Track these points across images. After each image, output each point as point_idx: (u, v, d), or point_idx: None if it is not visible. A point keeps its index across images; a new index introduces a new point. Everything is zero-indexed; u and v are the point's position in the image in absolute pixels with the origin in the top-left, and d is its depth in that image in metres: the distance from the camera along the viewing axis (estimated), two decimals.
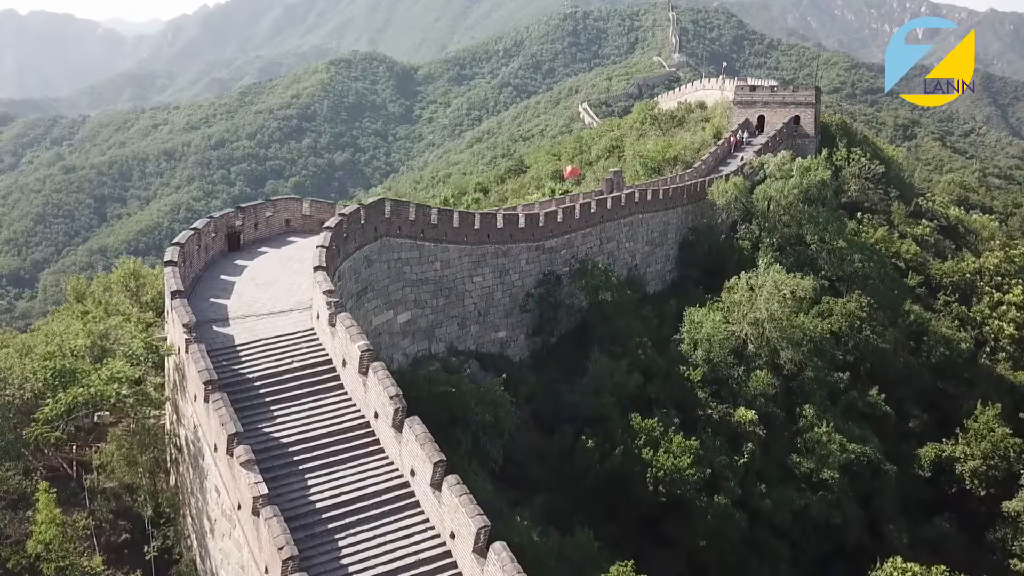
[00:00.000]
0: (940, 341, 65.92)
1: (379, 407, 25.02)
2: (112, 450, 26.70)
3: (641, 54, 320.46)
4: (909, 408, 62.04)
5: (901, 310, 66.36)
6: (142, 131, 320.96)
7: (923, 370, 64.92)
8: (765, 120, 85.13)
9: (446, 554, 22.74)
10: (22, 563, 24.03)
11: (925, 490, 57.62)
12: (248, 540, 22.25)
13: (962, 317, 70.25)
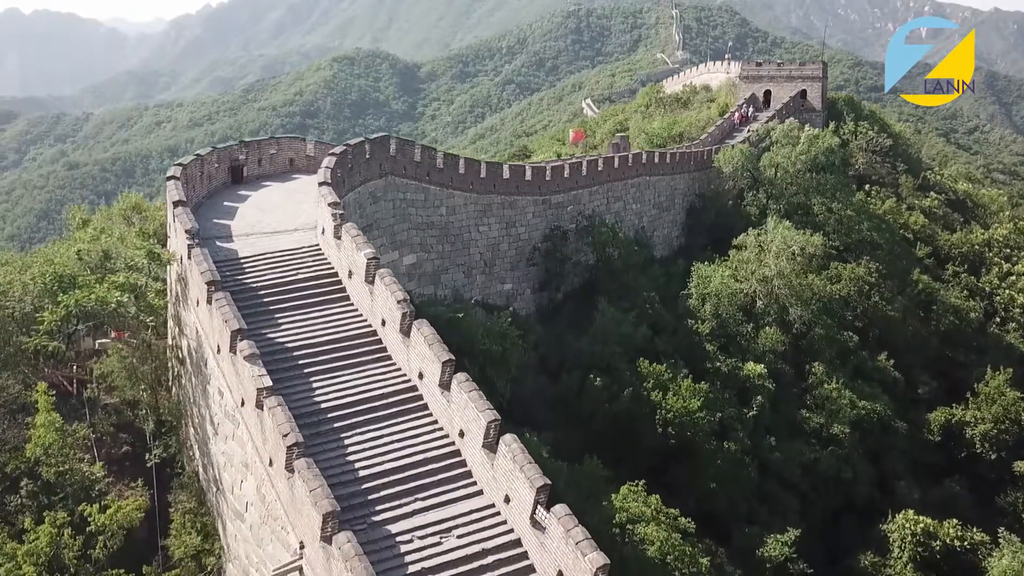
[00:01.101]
0: (949, 310, 65.30)
1: (386, 313, 24.49)
2: (113, 362, 26.12)
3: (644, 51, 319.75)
4: (918, 375, 61.35)
5: (909, 279, 65.72)
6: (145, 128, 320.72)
7: (932, 338, 64.28)
8: (772, 95, 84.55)
9: (455, 453, 22.23)
10: (20, 468, 23.51)
11: (935, 454, 56.85)
12: (252, 435, 21.73)
13: (971, 287, 69.55)
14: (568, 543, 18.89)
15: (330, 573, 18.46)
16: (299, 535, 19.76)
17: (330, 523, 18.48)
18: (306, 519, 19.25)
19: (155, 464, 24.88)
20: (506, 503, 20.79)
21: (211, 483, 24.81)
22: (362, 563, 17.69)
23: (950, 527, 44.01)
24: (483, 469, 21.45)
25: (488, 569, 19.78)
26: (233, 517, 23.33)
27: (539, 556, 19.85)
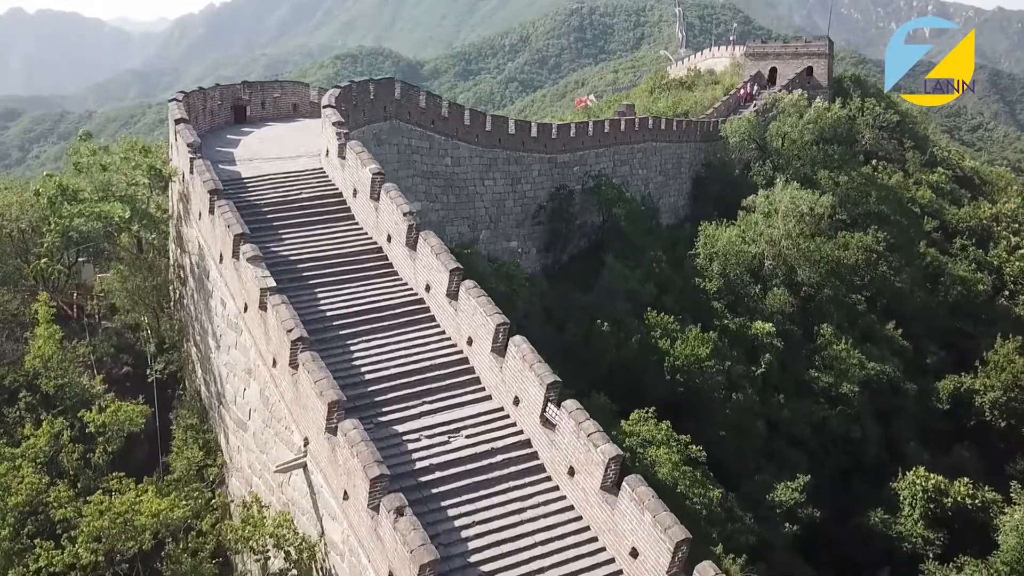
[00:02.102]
0: (957, 281, 64.73)
1: (391, 228, 24.04)
2: (114, 278, 25.67)
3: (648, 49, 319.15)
4: (926, 345, 60.74)
5: (917, 252, 65.16)
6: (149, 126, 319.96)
7: (940, 309, 63.69)
8: (777, 73, 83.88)
9: (462, 360, 21.79)
10: (19, 381, 23.04)
11: (943, 423, 56.22)
12: (255, 339, 21.28)
13: (979, 261, 68.95)
14: (579, 436, 18.43)
15: (335, 464, 17.99)
16: (303, 431, 19.30)
17: (335, 413, 18.02)
18: (311, 413, 18.79)
19: (156, 380, 24.39)
20: (515, 405, 20.33)
21: (213, 399, 24.34)
22: (368, 448, 17.22)
23: (961, 485, 43.45)
24: (491, 374, 20.98)
25: (497, 468, 19.32)
26: (235, 428, 22.87)
27: (549, 454, 19.40)
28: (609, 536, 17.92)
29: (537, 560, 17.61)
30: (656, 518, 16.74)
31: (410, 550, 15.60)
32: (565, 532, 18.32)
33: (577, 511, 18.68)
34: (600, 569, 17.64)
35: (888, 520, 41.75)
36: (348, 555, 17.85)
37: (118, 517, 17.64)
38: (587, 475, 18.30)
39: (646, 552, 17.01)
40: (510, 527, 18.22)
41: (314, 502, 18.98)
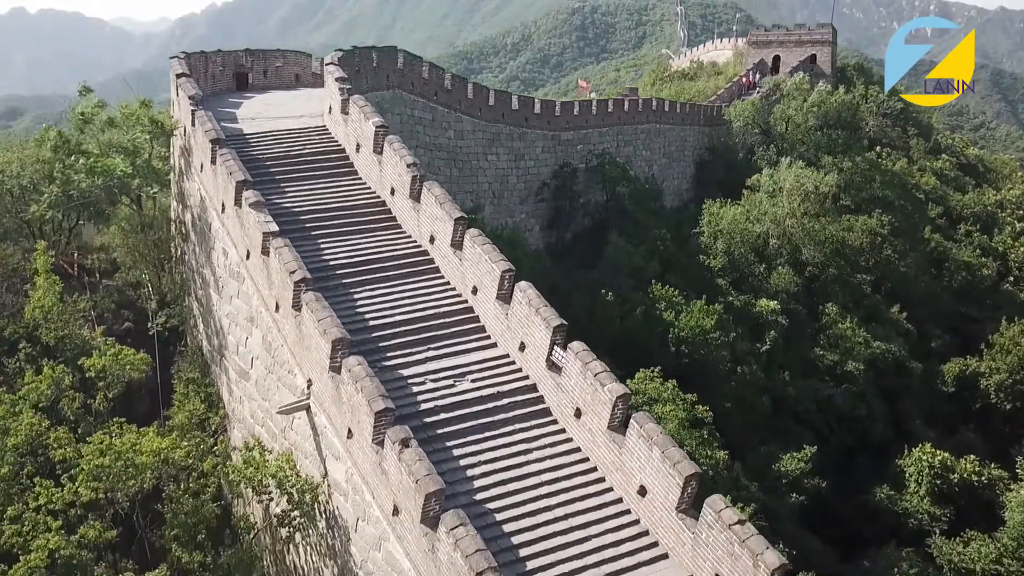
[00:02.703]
0: (962, 267, 64.44)
1: (395, 180, 23.80)
2: (115, 232, 25.44)
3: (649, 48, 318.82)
4: (931, 329, 60.44)
5: (921, 237, 64.88)
6: None
7: (944, 294, 63.41)
8: (780, 61, 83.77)
9: (467, 309, 21.58)
10: (19, 332, 22.79)
11: (949, 405, 55.90)
12: (258, 286, 21.07)
13: (984, 246, 68.67)
14: (586, 377, 18.21)
15: (339, 403, 17.76)
16: (307, 373, 19.06)
17: (339, 351, 17.79)
18: (314, 353, 18.55)
19: (157, 335, 24.12)
20: (521, 351, 20.10)
21: (215, 352, 24.10)
22: (373, 383, 16.99)
23: (967, 462, 43.12)
24: (496, 322, 20.75)
25: (502, 411, 19.09)
26: (237, 379, 22.62)
27: (555, 397, 19.17)
28: (617, 476, 17.68)
29: (544, 499, 17.37)
30: (665, 453, 16.51)
31: (415, 480, 15.37)
32: (572, 473, 18.09)
33: (584, 453, 18.44)
34: (608, 508, 17.40)
35: (894, 496, 41.44)
36: (352, 494, 17.60)
37: (119, 457, 17.38)
38: (594, 415, 18.07)
39: (655, 489, 16.78)
40: (516, 467, 17.99)
41: (317, 444, 18.74)
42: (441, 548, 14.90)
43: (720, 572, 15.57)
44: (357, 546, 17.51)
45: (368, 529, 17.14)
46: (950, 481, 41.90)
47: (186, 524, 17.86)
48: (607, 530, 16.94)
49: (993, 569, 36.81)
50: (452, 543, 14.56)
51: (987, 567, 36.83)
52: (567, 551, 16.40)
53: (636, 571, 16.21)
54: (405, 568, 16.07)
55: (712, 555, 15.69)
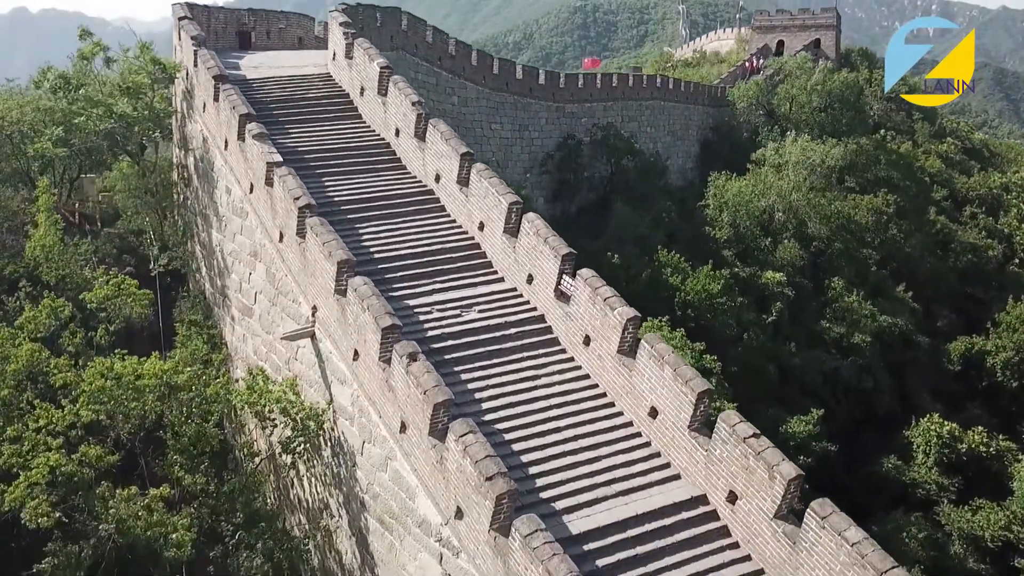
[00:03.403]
0: (967, 248, 64.01)
1: (400, 121, 23.52)
2: (117, 176, 25.14)
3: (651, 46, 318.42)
4: (937, 310, 60.02)
5: (926, 219, 64.47)
6: None
7: (950, 275, 62.96)
8: (784, 45, 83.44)
9: (474, 246, 21.32)
10: (20, 271, 22.48)
11: (954, 384, 55.45)
12: (262, 218, 20.78)
13: (989, 228, 68.22)
14: (595, 303, 17.91)
15: (345, 325, 17.45)
16: (311, 300, 18.76)
17: (345, 272, 17.49)
18: (319, 278, 18.25)
19: (159, 279, 23.78)
20: (528, 283, 19.81)
21: (217, 294, 23.78)
22: (379, 301, 16.72)
23: (975, 433, 42.70)
24: (504, 256, 20.46)
25: (510, 339, 18.79)
26: (240, 317, 22.32)
27: (563, 326, 18.86)
28: (626, 399, 17.37)
29: (552, 421, 17.07)
30: (677, 371, 16.21)
31: (424, 391, 15.07)
32: (581, 398, 17.80)
33: (593, 379, 18.14)
34: (617, 431, 17.11)
35: (901, 467, 41.02)
36: (358, 416, 17.29)
37: (120, 380, 17.06)
38: (603, 340, 17.76)
39: (666, 409, 16.46)
40: (524, 391, 17.70)
41: (322, 371, 18.43)
42: (450, 458, 14.59)
43: (735, 488, 15.27)
44: (363, 469, 17.19)
45: (374, 451, 16.83)
46: (958, 451, 41.45)
47: (189, 451, 17.53)
48: (617, 451, 16.63)
49: (1002, 535, 36.45)
50: (461, 450, 14.25)
51: (996, 533, 36.45)
52: (577, 470, 16.09)
53: (648, 490, 15.88)
54: (412, 485, 15.76)
55: (726, 471, 15.38)
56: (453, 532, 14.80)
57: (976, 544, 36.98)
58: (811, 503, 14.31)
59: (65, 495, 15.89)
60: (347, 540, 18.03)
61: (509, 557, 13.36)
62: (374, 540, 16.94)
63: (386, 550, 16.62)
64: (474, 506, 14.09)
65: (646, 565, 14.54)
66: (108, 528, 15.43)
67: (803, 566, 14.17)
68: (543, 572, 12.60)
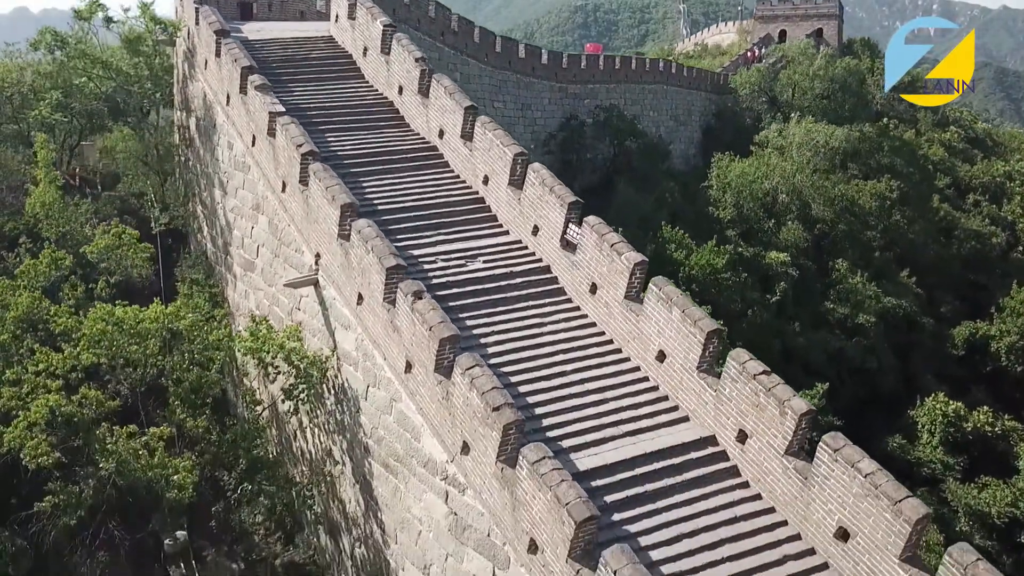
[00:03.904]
0: (971, 235, 63.74)
1: (403, 78, 23.32)
2: (118, 137, 24.94)
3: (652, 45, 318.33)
4: (940, 296, 59.75)
5: (930, 206, 64.22)
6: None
7: (953, 262, 62.70)
8: (787, 35, 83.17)
9: (478, 200, 21.13)
10: (20, 228, 22.28)
11: (958, 368, 55.15)
12: (264, 169, 20.58)
13: (993, 216, 67.98)
14: (602, 249, 17.71)
15: (349, 269, 17.26)
16: (314, 248, 18.55)
17: (348, 216, 17.29)
18: (322, 224, 18.05)
19: (160, 236, 23.57)
20: (534, 235, 19.59)
21: (219, 252, 23.58)
22: (383, 242, 16.52)
23: (981, 413, 42.46)
24: (509, 208, 20.25)
25: (515, 289, 18.58)
26: (243, 274, 22.10)
27: (569, 276, 18.65)
28: (633, 345, 17.15)
29: (558, 366, 16.86)
30: (685, 312, 16.00)
31: (429, 327, 14.86)
32: (587, 344, 17.58)
33: (599, 327, 17.93)
34: (625, 376, 16.89)
35: (906, 446, 40.82)
36: (362, 361, 17.07)
37: (121, 324, 16.84)
38: (610, 287, 17.55)
39: (674, 352, 16.25)
40: (529, 338, 17.49)
41: (325, 319, 18.22)
42: (456, 392, 14.38)
43: (744, 426, 15.04)
44: (367, 414, 16.98)
45: (379, 394, 16.61)
46: (964, 430, 41.23)
47: (190, 398, 17.30)
48: (624, 394, 16.41)
49: (1008, 512, 36.22)
50: (468, 383, 14.04)
51: (1002, 510, 36.23)
52: (583, 412, 15.88)
53: (655, 431, 15.67)
54: (417, 424, 15.55)
55: (736, 410, 15.15)
56: (459, 468, 14.58)
57: (983, 521, 36.77)
58: (823, 436, 14.11)
59: (65, 436, 15.67)
60: (350, 488, 17.81)
61: (516, 487, 13.14)
62: (378, 485, 16.72)
63: (390, 494, 16.41)
64: (480, 439, 13.88)
65: (655, 502, 14.31)
66: (108, 467, 15.20)
67: (815, 501, 13.95)
68: (551, 498, 12.38)
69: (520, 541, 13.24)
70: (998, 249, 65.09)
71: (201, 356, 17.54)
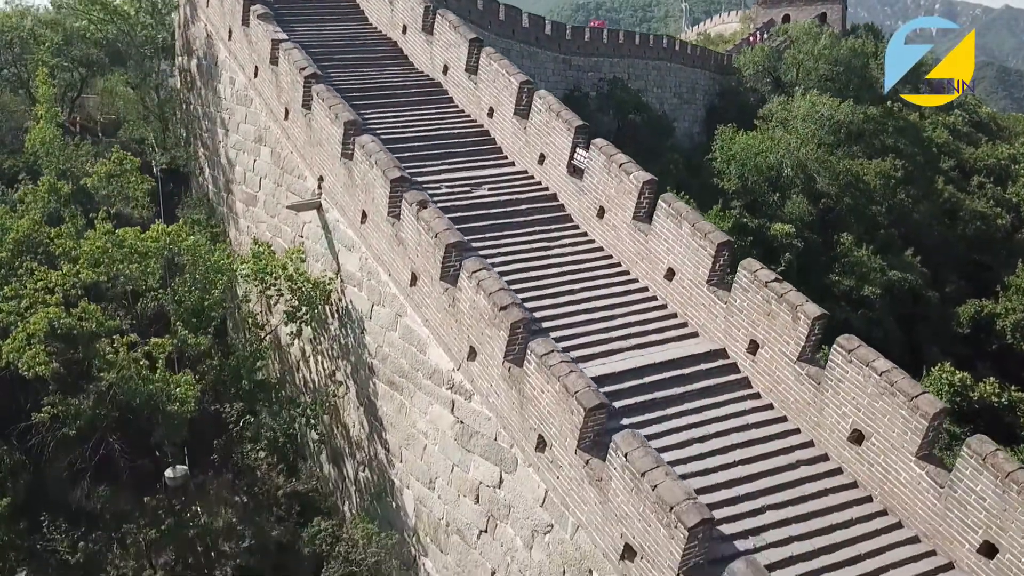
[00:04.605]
0: (976, 216, 63.41)
1: (407, 16, 23.09)
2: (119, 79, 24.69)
3: None
4: (945, 275, 59.43)
5: (934, 188, 63.89)
6: None
7: (959, 242, 62.40)
8: (791, 20, 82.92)
9: (483, 132, 20.87)
10: (19, 165, 22.03)
11: (963, 347, 54.83)
12: (266, 99, 20.37)
13: (997, 198, 67.60)
14: (610, 170, 17.45)
15: (352, 187, 17.01)
16: (317, 172, 18.31)
17: (352, 132, 17.04)
18: (326, 146, 17.81)
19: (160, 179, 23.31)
20: (540, 164, 19.33)
21: (221, 191, 23.32)
22: (387, 156, 16.26)
23: (987, 384, 42.08)
24: (514, 139, 19.99)
25: (521, 214, 18.34)
26: (245, 208, 21.86)
27: (576, 202, 18.40)
28: (642, 266, 16.89)
29: (565, 286, 16.59)
30: (695, 226, 15.76)
31: (435, 234, 14.59)
32: (594, 267, 17.32)
33: (607, 251, 17.66)
34: (632, 295, 16.65)
35: None
36: (366, 280, 16.81)
37: (122, 242, 16.58)
38: (618, 209, 17.28)
39: (683, 268, 16.00)
40: (536, 259, 17.23)
41: (328, 242, 17.96)
42: (463, 297, 14.11)
43: (756, 336, 14.78)
44: (371, 334, 16.72)
45: (383, 312, 16.35)
46: (970, 400, 40.82)
47: (192, 321, 17.03)
48: (632, 312, 16.16)
49: None
50: (474, 286, 13.78)
51: None
52: (590, 327, 15.63)
53: (664, 345, 15.41)
54: (423, 337, 15.28)
55: (747, 320, 14.90)
56: (466, 375, 14.32)
57: None
58: (836, 339, 13.85)
59: (64, 349, 15.40)
60: (354, 412, 17.55)
61: (524, 383, 12.88)
62: (383, 404, 16.46)
63: (395, 411, 16.15)
64: (487, 341, 13.61)
65: (664, 409, 14.04)
66: (109, 378, 14.92)
67: (828, 405, 13.68)
68: (559, 389, 12.11)
69: (528, 440, 12.97)
70: (1003, 231, 64.75)
71: (204, 278, 17.24)
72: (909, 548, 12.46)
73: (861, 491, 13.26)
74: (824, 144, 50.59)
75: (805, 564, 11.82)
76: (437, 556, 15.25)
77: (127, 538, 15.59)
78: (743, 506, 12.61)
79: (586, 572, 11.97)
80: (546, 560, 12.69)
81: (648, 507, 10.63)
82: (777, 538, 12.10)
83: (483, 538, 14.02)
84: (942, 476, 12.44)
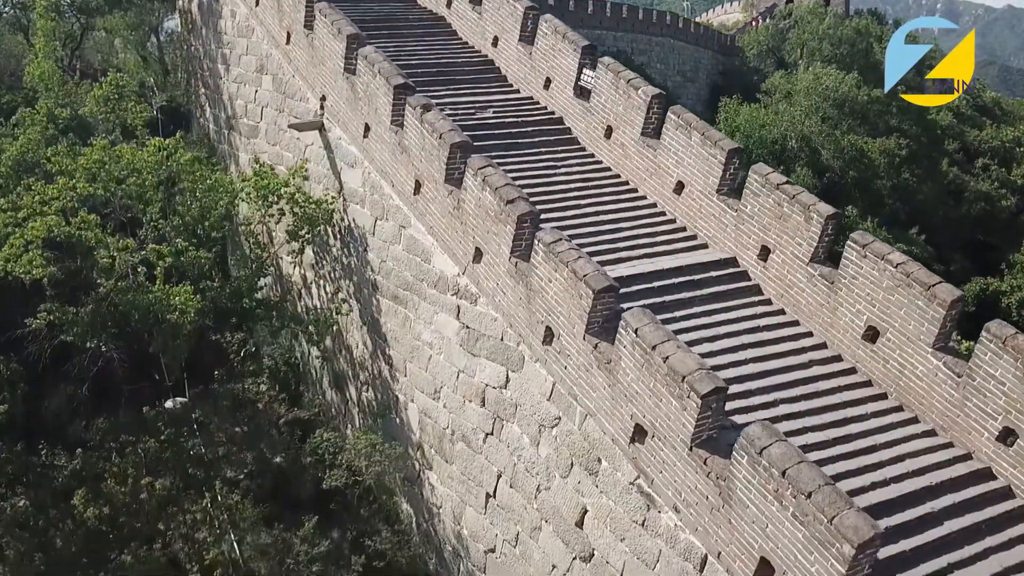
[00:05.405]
0: (981, 197, 63.08)
1: None
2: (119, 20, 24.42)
3: None
4: (949, 255, 59.09)
5: (939, 169, 63.56)
6: None
7: (963, 222, 62.06)
8: (794, 4, 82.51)
9: (487, 62, 20.61)
10: (17, 100, 21.77)
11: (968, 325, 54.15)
12: (267, 26, 20.08)
13: (1002, 180, 67.25)
14: (618, 88, 17.22)
15: (355, 101, 16.74)
16: (320, 91, 18.02)
17: (355, 46, 16.75)
18: (328, 63, 17.53)
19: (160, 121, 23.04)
20: (545, 89, 19.08)
21: (223, 129, 23.02)
22: (390, 64, 15.97)
23: None
24: (519, 66, 19.74)
25: (527, 136, 18.12)
26: (247, 141, 21.56)
27: (583, 124, 18.16)
28: (650, 182, 16.62)
29: (572, 201, 16.31)
30: (705, 135, 15.50)
31: (439, 135, 14.31)
32: (602, 184, 17.07)
33: (615, 171, 17.38)
34: (641, 210, 16.41)
35: None
36: (369, 195, 16.53)
37: (120, 157, 16.28)
38: (627, 126, 17.03)
39: (692, 180, 15.73)
40: (543, 178, 16.97)
41: (331, 161, 17.68)
42: (468, 197, 13.83)
43: (767, 242, 14.50)
44: (374, 250, 16.42)
45: (386, 225, 16.06)
46: None
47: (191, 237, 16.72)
48: (641, 225, 15.92)
49: None
50: (480, 183, 13.51)
51: None
52: (597, 238, 15.31)
53: (673, 254, 15.12)
54: (427, 245, 14.99)
55: (758, 226, 14.61)
56: (471, 279, 14.02)
57: None
58: (850, 235, 13.56)
59: (62, 257, 15.11)
60: (357, 332, 17.26)
61: (531, 277, 12.58)
62: (387, 320, 16.17)
63: (399, 325, 15.85)
64: (494, 239, 13.32)
65: (672, 312, 13.72)
66: (107, 286, 14.62)
67: (842, 305, 13.40)
68: (568, 275, 11.81)
69: (535, 334, 12.67)
70: (1007, 212, 64.43)
71: (204, 196, 16.92)
72: (926, 440, 12.17)
73: (876, 388, 12.98)
74: (828, 118, 50.20)
75: (820, 452, 11.50)
76: (442, 467, 14.96)
77: (126, 448, 15.28)
78: (755, 399, 12.32)
79: (595, 461, 11.67)
80: (553, 454, 12.40)
81: (659, 380, 10.33)
82: (791, 428, 11.78)
83: (489, 441, 13.73)
84: (960, 366, 12.17)
